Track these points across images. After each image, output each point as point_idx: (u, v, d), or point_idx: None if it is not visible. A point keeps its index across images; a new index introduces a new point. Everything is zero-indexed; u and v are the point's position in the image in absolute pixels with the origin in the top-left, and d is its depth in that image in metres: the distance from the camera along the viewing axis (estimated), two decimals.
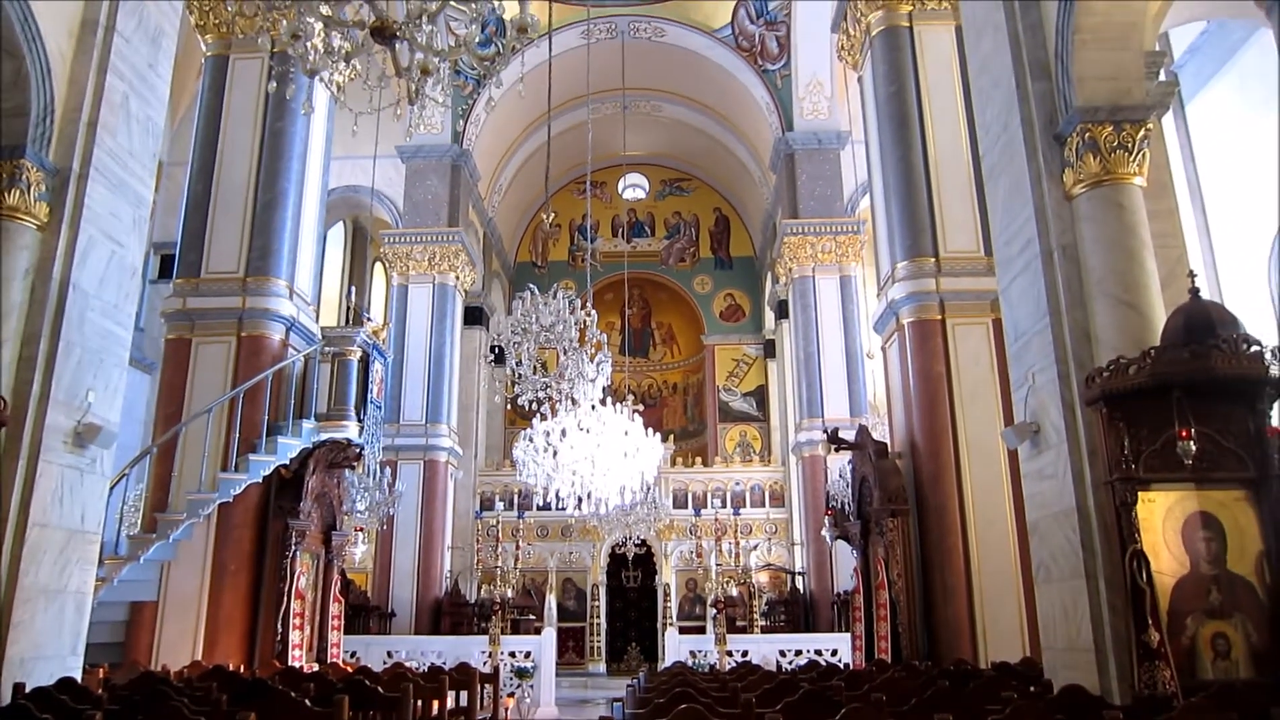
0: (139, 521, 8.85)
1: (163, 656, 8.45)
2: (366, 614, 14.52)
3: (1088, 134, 5.83)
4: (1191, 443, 4.89)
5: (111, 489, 7.09)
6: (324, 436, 9.53)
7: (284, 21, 4.17)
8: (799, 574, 16.69)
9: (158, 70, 6.88)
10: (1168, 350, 5.00)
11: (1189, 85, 10.11)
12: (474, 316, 19.21)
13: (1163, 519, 5.13)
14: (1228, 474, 5.10)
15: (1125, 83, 5.94)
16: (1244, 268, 9.61)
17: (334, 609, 9.95)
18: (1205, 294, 5.46)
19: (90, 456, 6.00)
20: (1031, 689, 5.52)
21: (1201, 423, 5.01)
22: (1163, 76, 6.20)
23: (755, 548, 17.39)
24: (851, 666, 9.91)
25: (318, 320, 10.76)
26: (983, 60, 6.96)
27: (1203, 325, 5.08)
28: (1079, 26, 5.88)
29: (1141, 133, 5.85)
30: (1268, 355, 4.87)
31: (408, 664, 9.35)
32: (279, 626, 8.84)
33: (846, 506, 10.93)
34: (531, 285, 8.63)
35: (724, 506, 17.95)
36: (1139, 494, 5.07)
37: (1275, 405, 5.10)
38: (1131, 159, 5.81)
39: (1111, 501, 5.15)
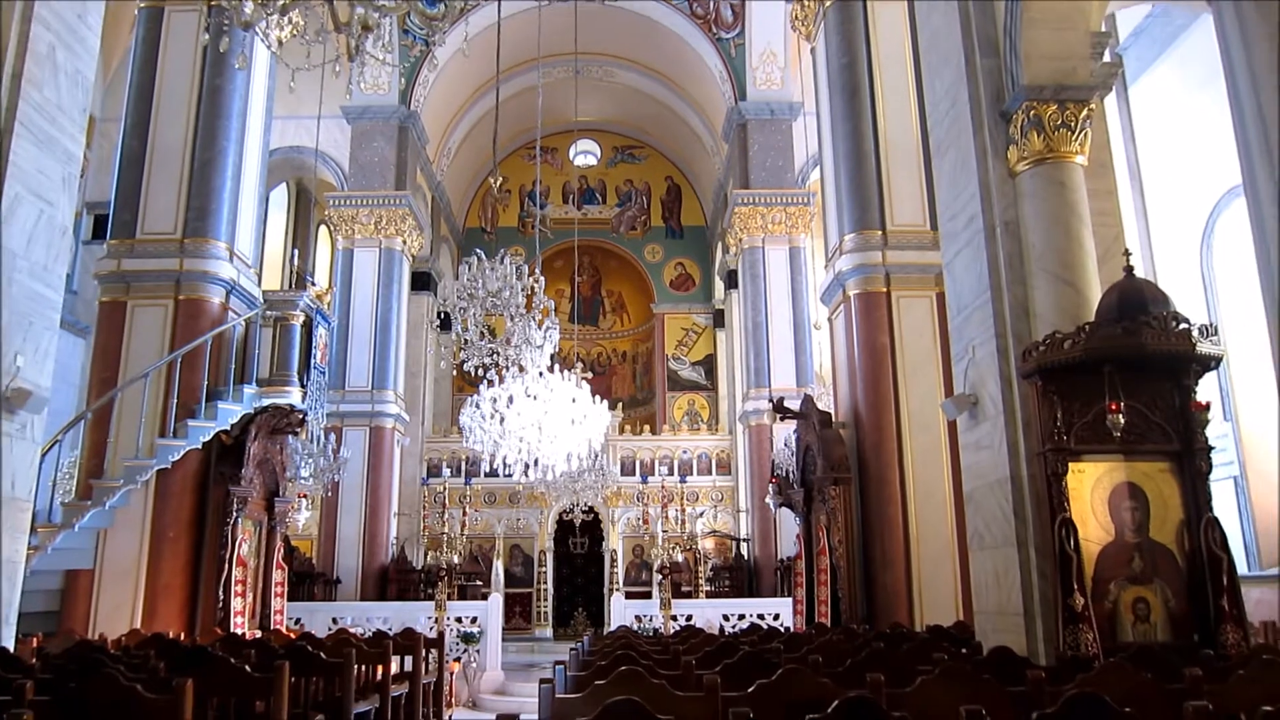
0: (74, 489, 8.64)
1: (100, 625, 8.30)
2: (311, 581, 14.41)
3: (1033, 112, 5.93)
4: (1121, 416, 5.06)
5: (44, 455, 6.91)
6: (266, 402, 9.38)
7: None
8: (744, 540, 16.94)
9: (87, 21, 6.61)
10: (1101, 326, 5.15)
11: (1133, 67, 10.32)
12: (422, 282, 18.95)
13: (1091, 489, 5.32)
14: (1154, 446, 5.30)
15: (1071, 62, 6.04)
16: (1178, 247, 9.89)
17: (277, 576, 9.86)
18: (1140, 272, 5.62)
19: (20, 422, 5.83)
20: (963, 651, 5.70)
21: (1131, 397, 5.18)
22: (1107, 57, 6.31)
23: (701, 515, 17.56)
24: (792, 630, 10.13)
25: (260, 284, 10.52)
26: (933, 35, 7.01)
27: (1135, 303, 5.23)
28: (1027, 5, 5.97)
29: (1084, 112, 5.96)
30: (1195, 333, 5.04)
31: (353, 630, 9.32)
32: (220, 594, 8.74)
33: (791, 475, 11.10)
34: (478, 250, 8.53)
35: (671, 474, 18.11)
36: (1070, 465, 5.25)
37: (1200, 381, 5.28)
38: (1074, 138, 5.93)
39: (1043, 472, 5.32)
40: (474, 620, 11.79)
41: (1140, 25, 10.22)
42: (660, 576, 12.64)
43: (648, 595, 15.45)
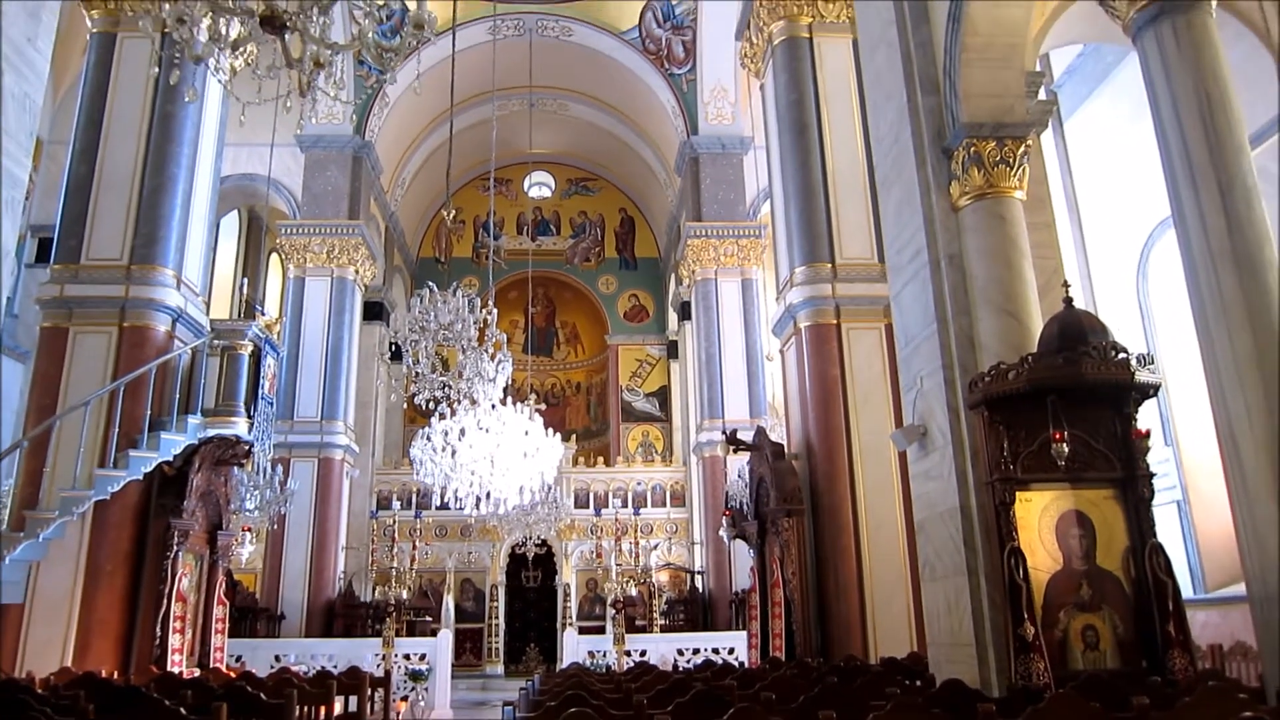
0: (6, 519, 8.34)
1: (29, 663, 7.97)
2: (254, 616, 14.03)
3: (973, 148, 6.09)
4: (1065, 445, 5.15)
5: None
6: (211, 433, 9.19)
7: (168, 4, 3.97)
8: (698, 573, 16.87)
9: (37, 45, 6.50)
10: (1043, 357, 5.25)
11: (1067, 104, 10.67)
12: (374, 312, 18.75)
13: (1039, 517, 5.39)
14: (1098, 474, 5.39)
15: (1008, 100, 6.22)
16: (1115, 277, 10.19)
17: (218, 611, 9.58)
18: (1079, 303, 5.76)
19: None
20: (917, 683, 5.72)
21: (1074, 425, 5.28)
22: (1043, 95, 6.52)
23: (655, 547, 17.50)
24: (747, 664, 10.08)
25: (208, 312, 10.34)
26: (876, 74, 7.19)
27: (1075, 333, 5.34)
28: (965, 46, 6.14)
29: (1022, 148, 6.14)
30: (1133, 361, 5.17)
31: (296, 668, 9.08)
32: (158, 630, 8.46)
33: (745, 506, 11.11)
34: (430, 283, 8.49)
35: (625, 506, 18.02)
36: (1017, 494, 5.31)
37: (1140, 408, 5.41)
38: (1013, 173, 6.10)
39: (992, 501, 5.38)
40: (423, 657, 11.57)
41: (1073, 64, 10.60)
42: (614, 611, 12.55)
43: (601, 630, 15.31)
